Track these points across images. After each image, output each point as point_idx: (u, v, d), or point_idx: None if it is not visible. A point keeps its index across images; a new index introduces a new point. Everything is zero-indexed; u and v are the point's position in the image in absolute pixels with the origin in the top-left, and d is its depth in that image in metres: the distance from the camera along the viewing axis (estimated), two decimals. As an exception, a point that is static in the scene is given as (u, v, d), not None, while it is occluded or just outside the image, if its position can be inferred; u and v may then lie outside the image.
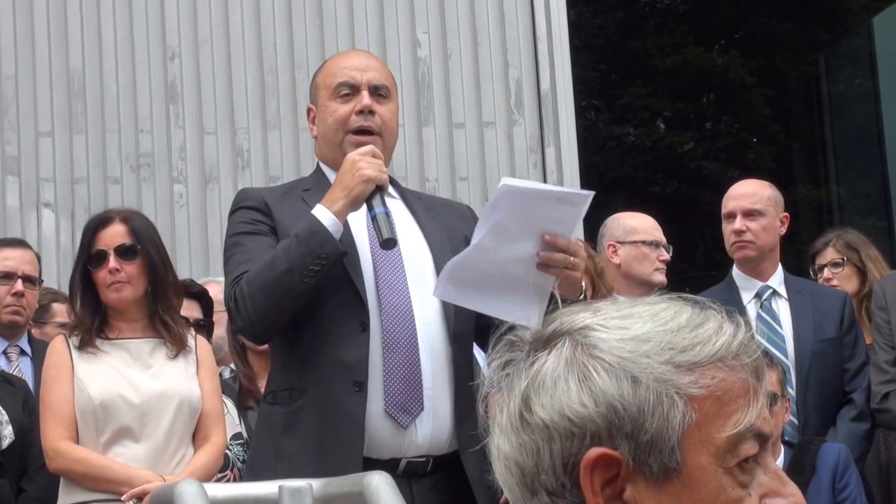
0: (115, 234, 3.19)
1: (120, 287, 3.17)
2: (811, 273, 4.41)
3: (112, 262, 3.16)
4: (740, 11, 10.85)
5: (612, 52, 10.66)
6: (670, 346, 1.01)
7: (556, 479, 1.00)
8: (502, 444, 1.02)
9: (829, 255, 4.33)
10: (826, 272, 4.30)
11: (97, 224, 3.20)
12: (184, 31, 5.90)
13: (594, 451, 0.98)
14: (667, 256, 4.16)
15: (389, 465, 2.34)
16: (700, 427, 0.99)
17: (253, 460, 2.62)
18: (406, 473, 2.44)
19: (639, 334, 1.01)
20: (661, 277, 4.12)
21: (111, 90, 5.79)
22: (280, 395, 2.52)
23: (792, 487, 1.02)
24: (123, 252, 3.18)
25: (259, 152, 5.89)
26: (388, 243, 2.40)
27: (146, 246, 3.20)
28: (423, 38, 6.12)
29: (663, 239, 4.20)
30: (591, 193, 2.42)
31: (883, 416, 3.64)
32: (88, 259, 3.18)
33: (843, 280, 4.27)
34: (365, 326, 2.46)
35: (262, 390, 2.78)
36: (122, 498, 3.06)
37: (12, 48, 5.76)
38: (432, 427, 2.48)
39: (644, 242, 4.14)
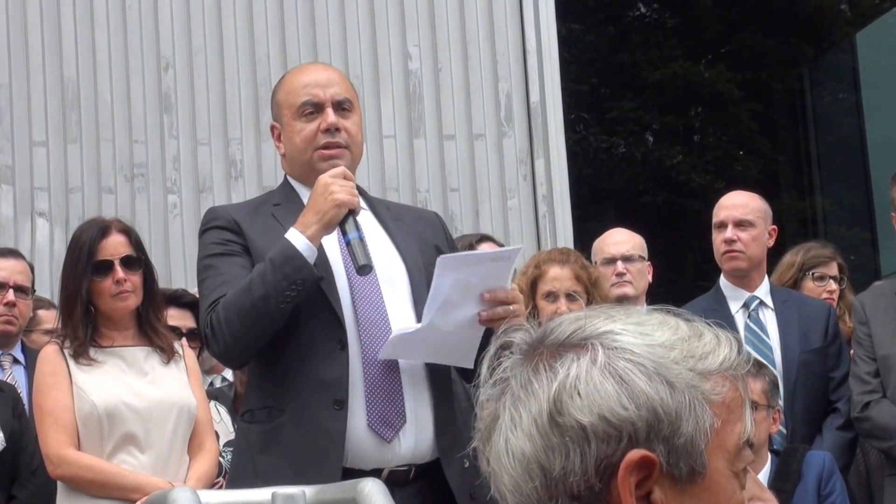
0: (119, 245, 3.23)
1: (126, 296, 3.21)
2: (793, 278, 4.38)
3: (119, 272, 3.19)
4: (727, 27, 10.94)
5: (601, 65, 10.72)
6: (690, 354, 1.03)
7: (587, 482, 0.99)
8: (522, 447, 1.00)
9: (834, 268, 4.37)
10: (831, 283, 4.33)
11: (99, 235, 3.23)
12: (178, 41, 5.92)
13: (636, 453, 0.99)
14: (622, 268, 4.10)
15: (372, 475, 2.31)
16: (717, 433, 1.03)
17: (233, 476, 2.63)
18: (389, 482, 2.38)
19: (663, 341, 1.03)
20: (618, 291, 4.06)
21: (105, 100, 5.80)
22: (258, 413, 2.53)
23: (769, 493, 1.07)
24: (128, 262, 3.23)
25: (252, 163, 5.91)
26: (364, 269, 2.43)
27: (146, 257, 3.28)
28: (414, 51, 6.16)
29: (620, 251, 4.14)
30: (521, 247, 2.72)
31: (863, 425, 3.66)
32: (94, 269, 3.20)
33: (836, 294, 4.33)
34: (343, 345, 2.47)
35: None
36: None
37: (6, 57, 5.76)
38: (415, 438, 2.50)
39: (599, 263, 4.13)
